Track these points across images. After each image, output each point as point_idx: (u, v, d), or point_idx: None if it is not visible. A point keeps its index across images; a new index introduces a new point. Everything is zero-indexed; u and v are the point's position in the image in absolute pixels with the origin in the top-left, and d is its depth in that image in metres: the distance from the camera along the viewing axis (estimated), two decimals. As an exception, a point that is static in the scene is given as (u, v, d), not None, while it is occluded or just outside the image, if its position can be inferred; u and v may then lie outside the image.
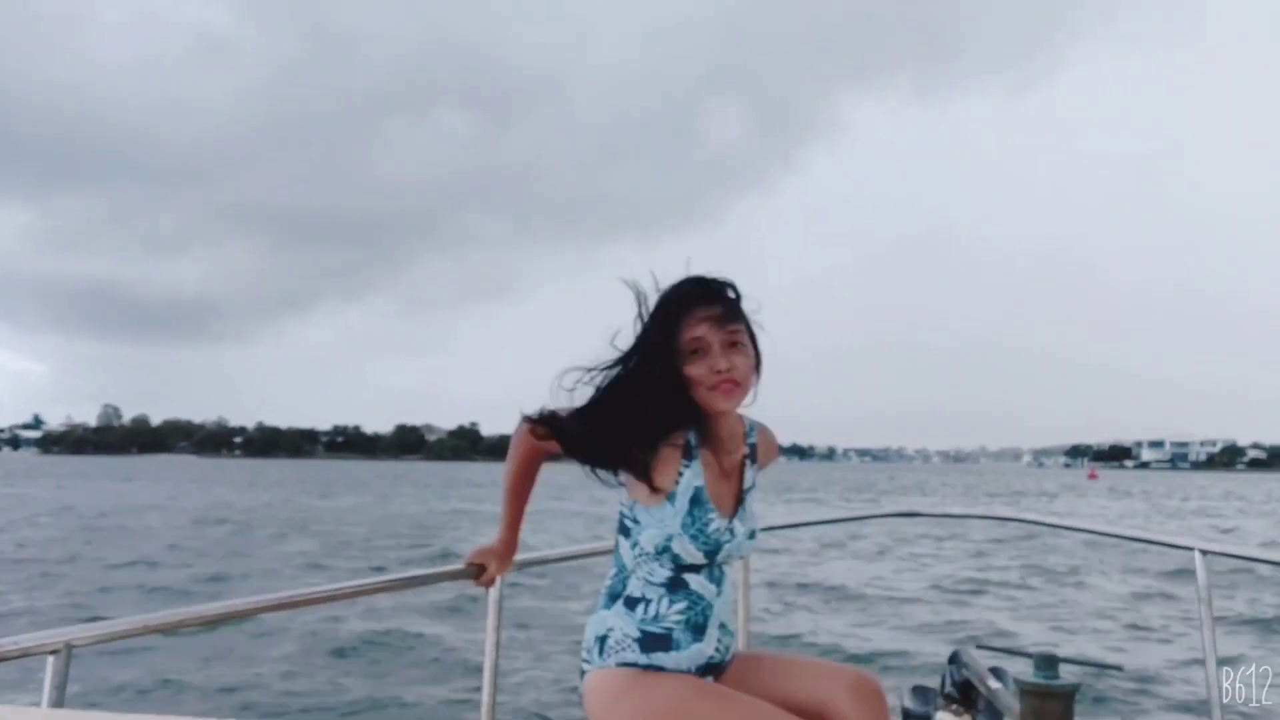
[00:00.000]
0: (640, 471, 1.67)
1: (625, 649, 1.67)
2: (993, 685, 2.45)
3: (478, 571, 1.97)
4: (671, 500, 1.68)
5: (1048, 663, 2.41)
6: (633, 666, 1.67)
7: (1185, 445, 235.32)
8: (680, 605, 1.69)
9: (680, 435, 1.71)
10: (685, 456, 1.71)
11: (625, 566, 1.75)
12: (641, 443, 1.65)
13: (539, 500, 1.91)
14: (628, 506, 1.75)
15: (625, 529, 1.75)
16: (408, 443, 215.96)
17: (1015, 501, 43.67)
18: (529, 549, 2.11)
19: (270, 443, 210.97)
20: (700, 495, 1.70)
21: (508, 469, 1.87)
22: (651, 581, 1.71)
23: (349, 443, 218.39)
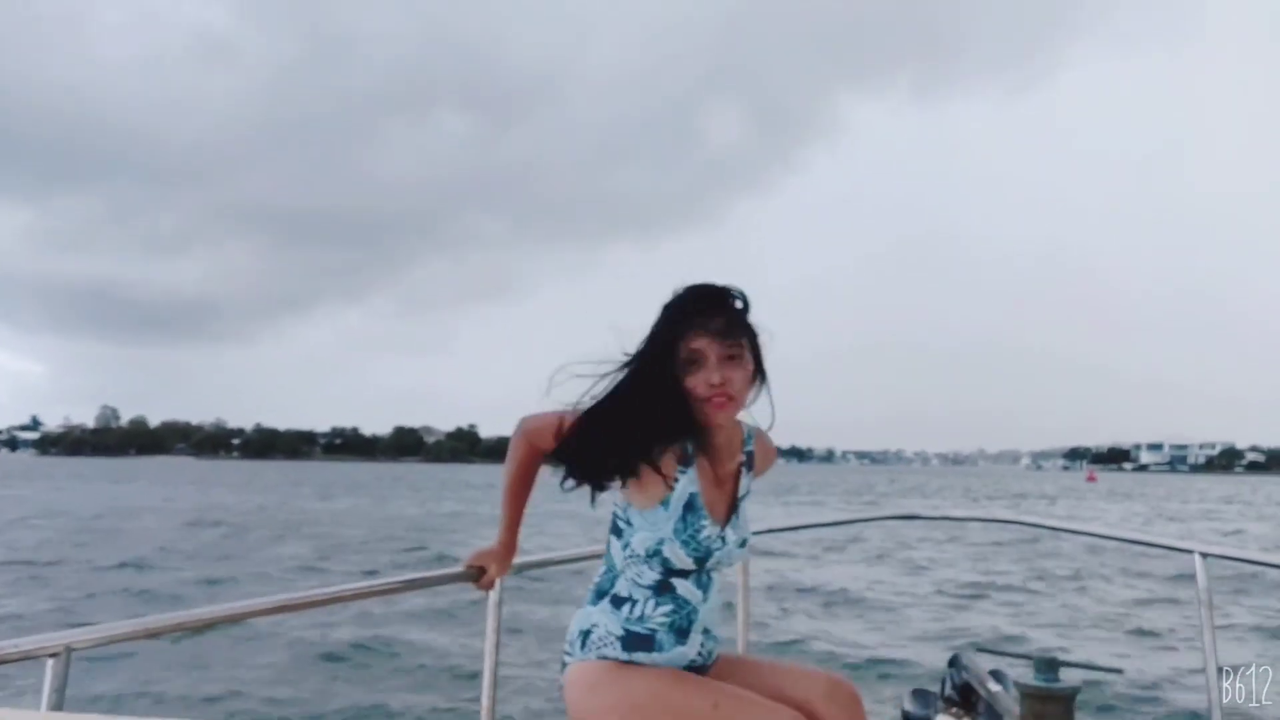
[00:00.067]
0: (637, 478, 1.67)
1: (607, 645, 1.69)
2: (993, 688, 2.45)
3: (477, 574, 1.96)
4: (666, 505, 1.69)
5: (1048, 666, 2.41)
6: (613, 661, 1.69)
7: (1184, 448, 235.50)
8: (666, 608, 1.70)
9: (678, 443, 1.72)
10: (681, 463, 1.72)
11: (615, 566, 1.76)
12: (640, 454, 1.65)
13: (538, 502, 1.90)
14: (621, 508, 1.75)
15: (618, 529, 1.76)
16: (406, 444, 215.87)
17: (1016, 504, 43.70)
18: (525, 553, 2.11)
19: (268, 444, 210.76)
20: (694, 502, 1.71)
21: (506, 471, 1.87)
22: (639, 583, 1.72)
23: (347, 444, 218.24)
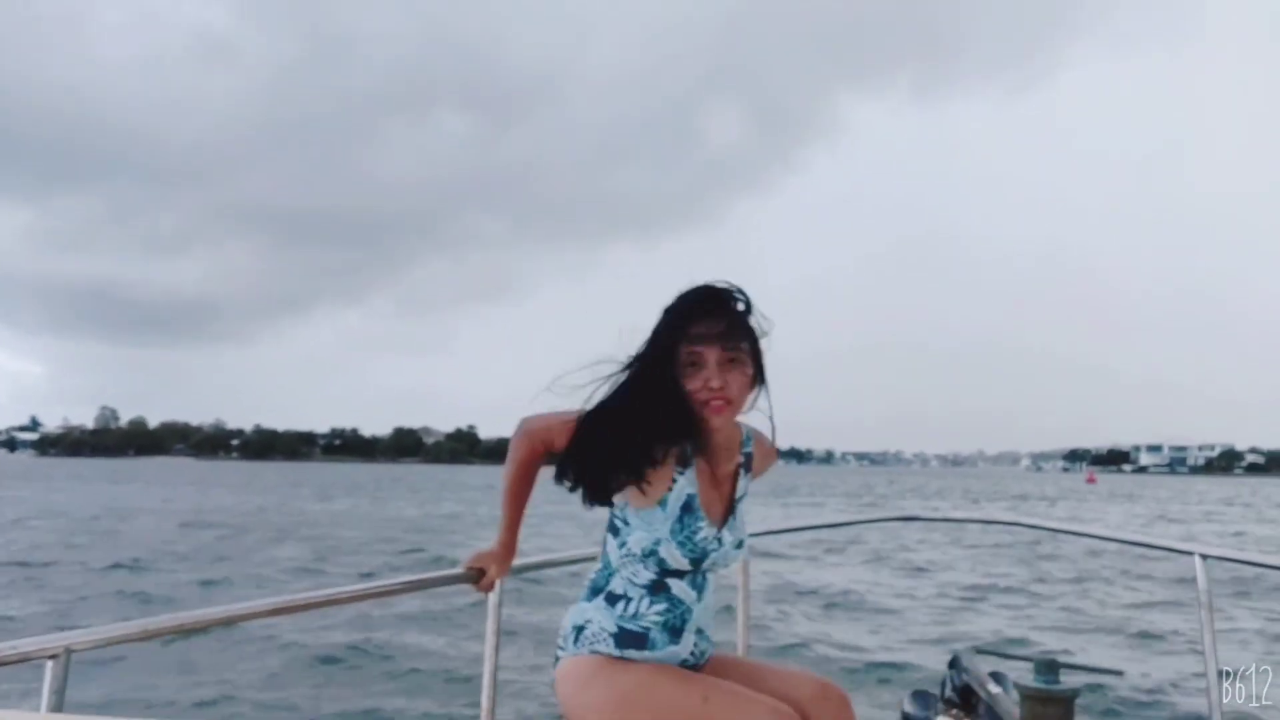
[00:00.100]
0: (647, 483, 1.68)
1: (600, 641, 1.70)
2: (993, 690, 2.45)
3: (477, 576, 1.96)
4: (663, 506, 1.70)
5: (1048, 668, 2.41)
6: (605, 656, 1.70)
7: (1183, 449, 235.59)
8: (660, 607, 1.71)
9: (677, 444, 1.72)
10: (680, 464, 1.72)
11: (610, 564, 1.77)
12: (640, 457, 1.65)
13: (537, 503, 1.90)
14: (619, 507, 1.76)
15: (615, 528, 1.77)
16: (405, 445, 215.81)
17: (1016, 506, 43.72)
18: (524, 554, 2.11)
19: (267, 445, 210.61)
20: (692, 503, 1.71)
21: (506, 472, 1.86)
22: (634, 582, 1.73)
23: (346, 445, 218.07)
